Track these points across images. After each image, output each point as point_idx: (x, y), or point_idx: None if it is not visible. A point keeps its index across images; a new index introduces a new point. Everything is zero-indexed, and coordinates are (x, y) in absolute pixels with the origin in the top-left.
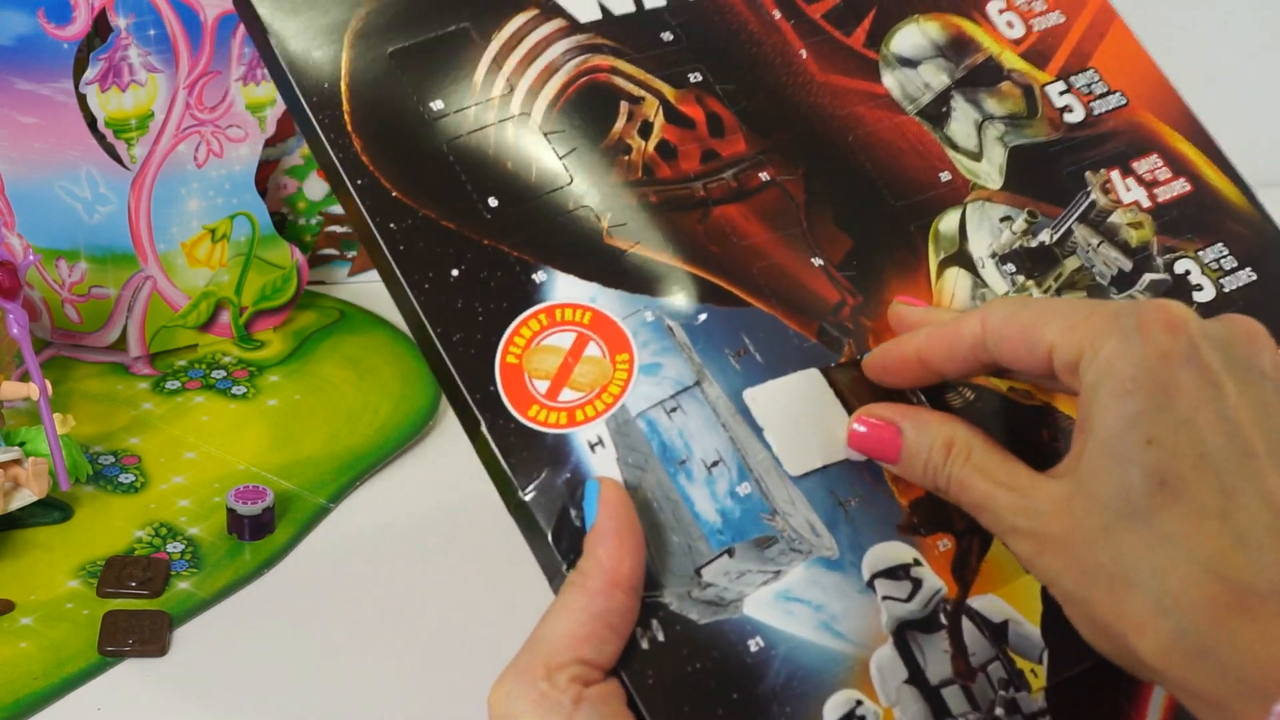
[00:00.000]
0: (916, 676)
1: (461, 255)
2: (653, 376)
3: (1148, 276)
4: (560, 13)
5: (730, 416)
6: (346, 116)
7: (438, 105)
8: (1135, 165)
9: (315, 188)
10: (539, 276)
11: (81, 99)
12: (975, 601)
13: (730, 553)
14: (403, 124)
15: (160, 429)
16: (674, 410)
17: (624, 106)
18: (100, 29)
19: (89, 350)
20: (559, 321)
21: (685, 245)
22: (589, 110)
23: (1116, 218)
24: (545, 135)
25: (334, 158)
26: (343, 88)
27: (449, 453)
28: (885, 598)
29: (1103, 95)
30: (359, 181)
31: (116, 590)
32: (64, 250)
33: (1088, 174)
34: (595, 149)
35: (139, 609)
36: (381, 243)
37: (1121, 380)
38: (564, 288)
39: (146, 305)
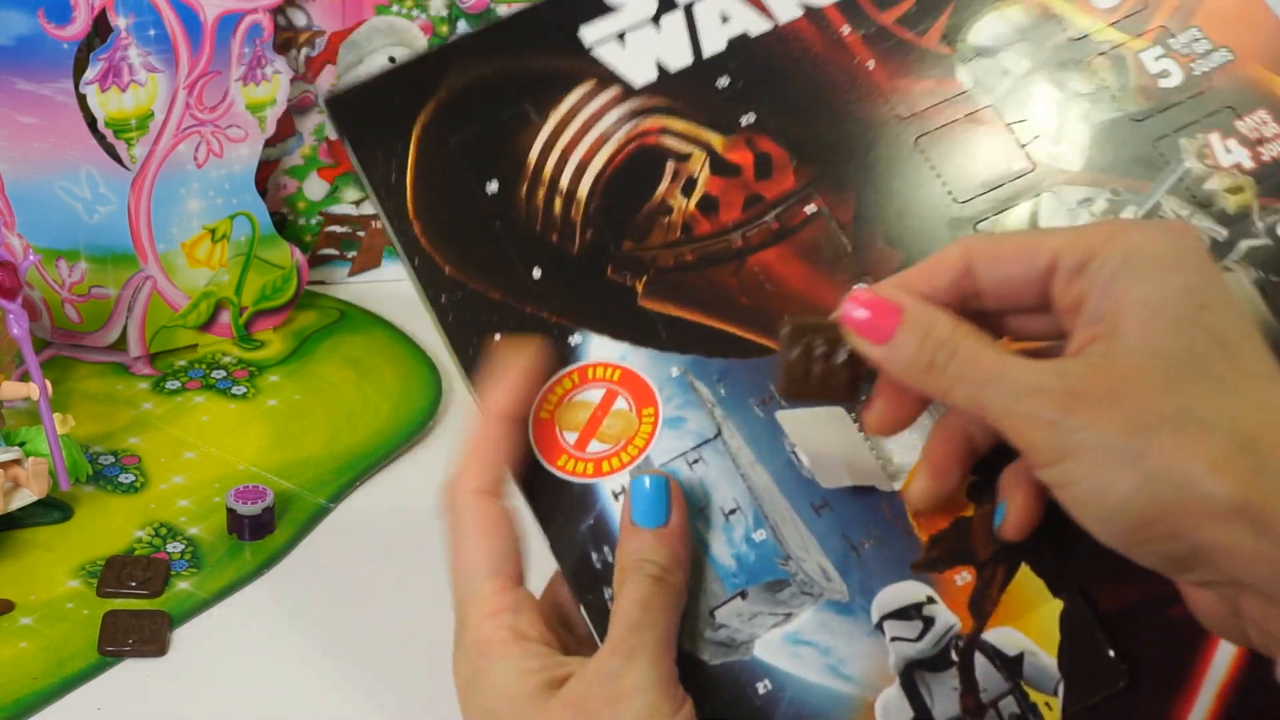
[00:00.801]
0: (922, 716)
1: (505, 322)
2: (676, 429)
3: (1245, 244)
4: (616, 80)
5: (749, 466)
6: (409, 204)
7: (493, 187)
8: (1239, 124)
9: (315, 188)
10: (575, 339)
11: (81, 99)
12: (990, 635)
13: (743, 595)
14: (459, 207)
15: (160, 429)
16: (695, 461)
17: (670, 166)
18: (100, 29)
19: (89, 350)
20: (590, 379)
21: (716, 301)
22: (635, 175)
23: (1213, 183)
24: (588, 210)
25: (396, 240)
26: (408, 179)
27: (449, 453)
28: (894, 639)
29: (1205, 54)
30: (415, 261)
31: (116, 590)
32: (64, 250)
33: (1182, 141)
34: (637, 216)
35: (139, 609)
36: (434, 316)
37: (1161, 258)
38: (597, 348)
39: (146, 305)
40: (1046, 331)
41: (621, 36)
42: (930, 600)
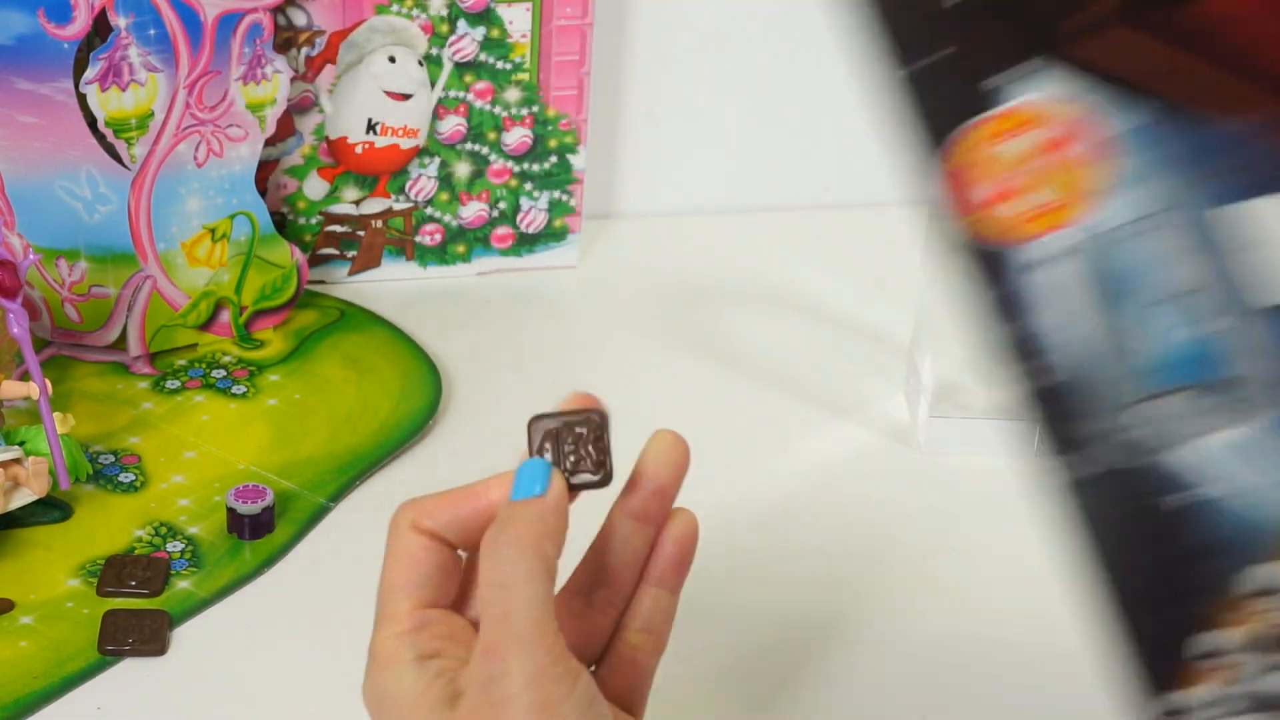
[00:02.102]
0: None
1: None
2: (1126, 192)
3: None
4: None
5: (1206, 248)
6: None
7: None
8: None
9: (315, 187)
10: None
11: (81, 99)
12: None
13: (1173, 392)
14: None
15: (160, 428)
16: (1144, 233)
17: None
18: (100, 29)
19: (89, 349)
20: (1027, 123)
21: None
22: None
23: None
24: None
25: None
26: None
27: (449, 453)
28: None
29: None
30: None
31: (116, 589)
32: (64, 250)
33: None
34: None
35: (139, 608)
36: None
37: None
38: (1030, 88)
39: (146, 305)
40: None
41: None
42: None
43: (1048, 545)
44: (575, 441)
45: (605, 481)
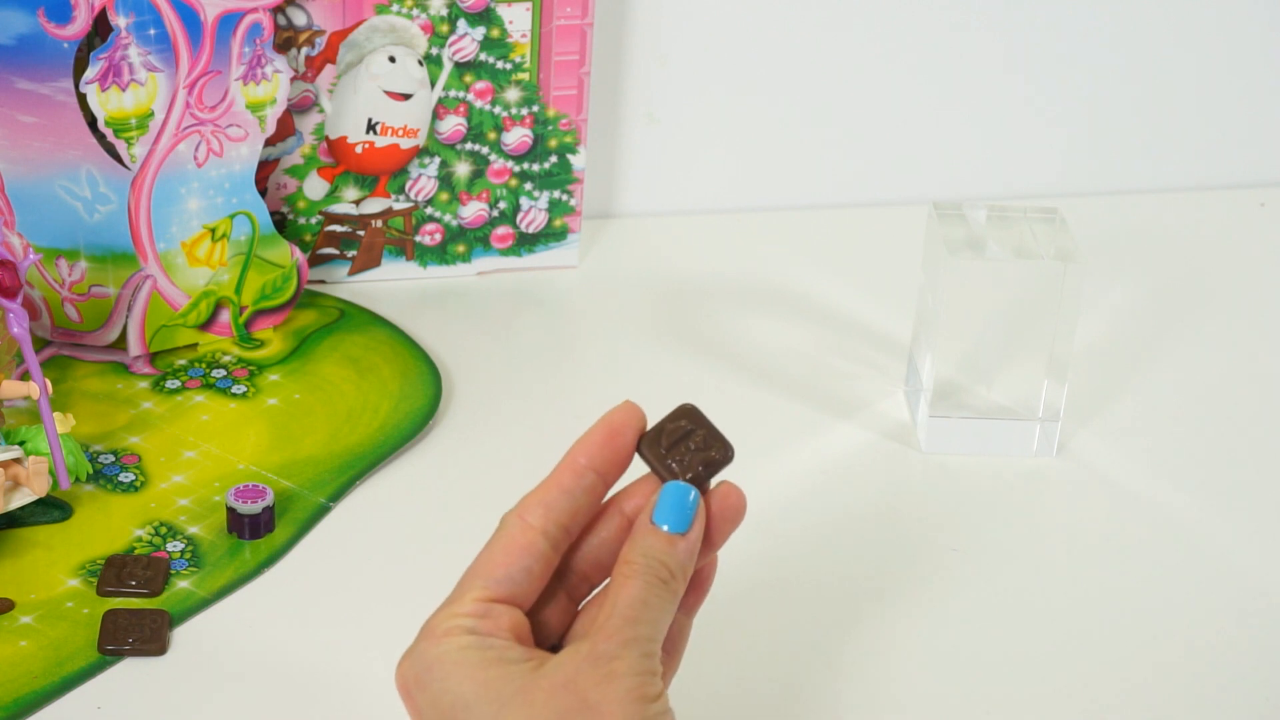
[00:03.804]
0: None
1: None
2: None
3: None
4: None
5: None
6: None
7: None
8: None
9: (315, 187)
10: None
11: (81, 98)
12: None
13: None
14: None
15: (160, 428)
16: None
17: None
18: (100, 28)
19: (89, 349)
20: None
21: None
22: None
23: None
24: None
25: None
26: None
27: (449, 453)
28: None
29: None
30: None
31: (116, 589)
32: (64, 249)
33: None
34: None
35: (139, 608)
36: None
37: None
38: None
39: (146, 304)
40: None
41: None
42: None
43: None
44: (685, 437)
45: (731, 458)
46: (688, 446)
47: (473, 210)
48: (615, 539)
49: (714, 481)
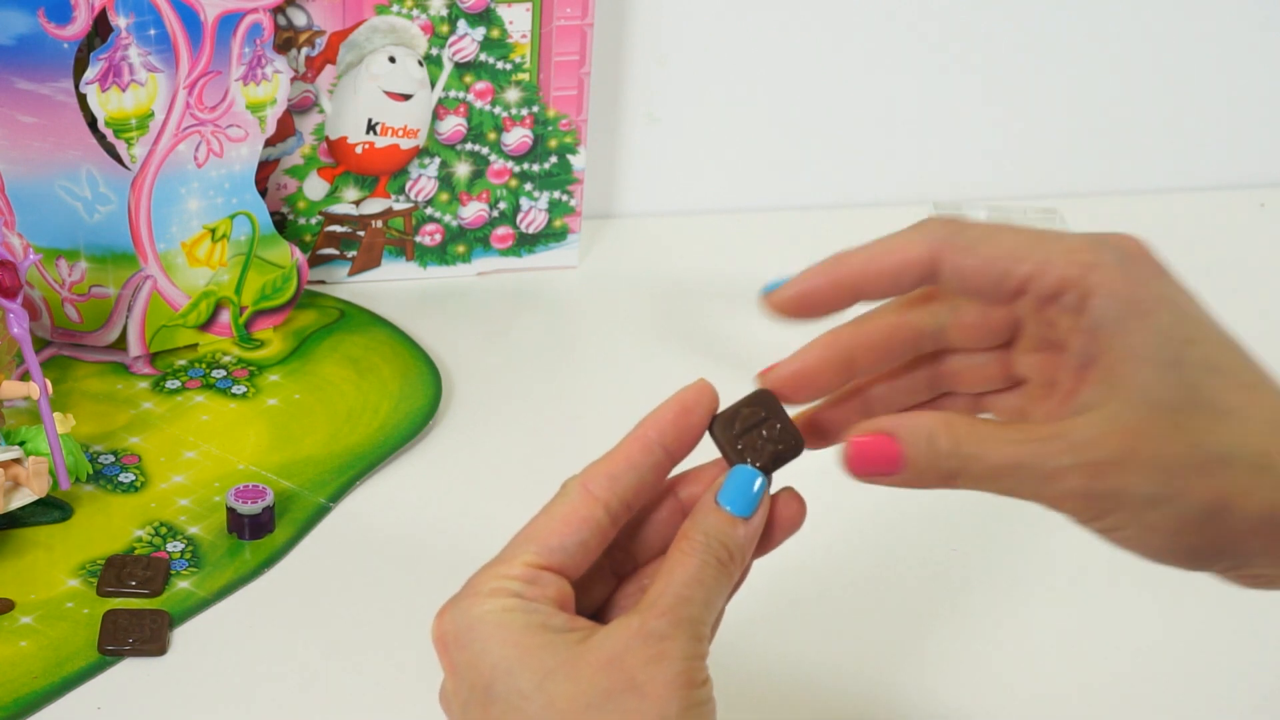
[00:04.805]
0: None
1: None
2: None
3: None
4: None
5: None
6: None
7: None
8: None
9: (315, 187)
10: None
11: (81, 99)
12: None
13: None
14: None
15: (160, 428)
16: None
17: None
18: (100, 29)
19: (89, 349)
20: None
21: None
22: None
23: None
24: None
25: None
26: None
27: (449, 453)
28: None
29: None
30: None
31: (116, 589)
32: (64, 250)
33: None
34: None
35: (139, 608)
36: None
37: (1140, 302)
38: None
39: (146, 305)
40: (984, 332)
41: None
42: None
43: (1049, 544)
44: (759, 424)
45: (800, 452)
46: (760, 434)
47: (473, 211)
48: (667, 522)
49: (776, 477)
